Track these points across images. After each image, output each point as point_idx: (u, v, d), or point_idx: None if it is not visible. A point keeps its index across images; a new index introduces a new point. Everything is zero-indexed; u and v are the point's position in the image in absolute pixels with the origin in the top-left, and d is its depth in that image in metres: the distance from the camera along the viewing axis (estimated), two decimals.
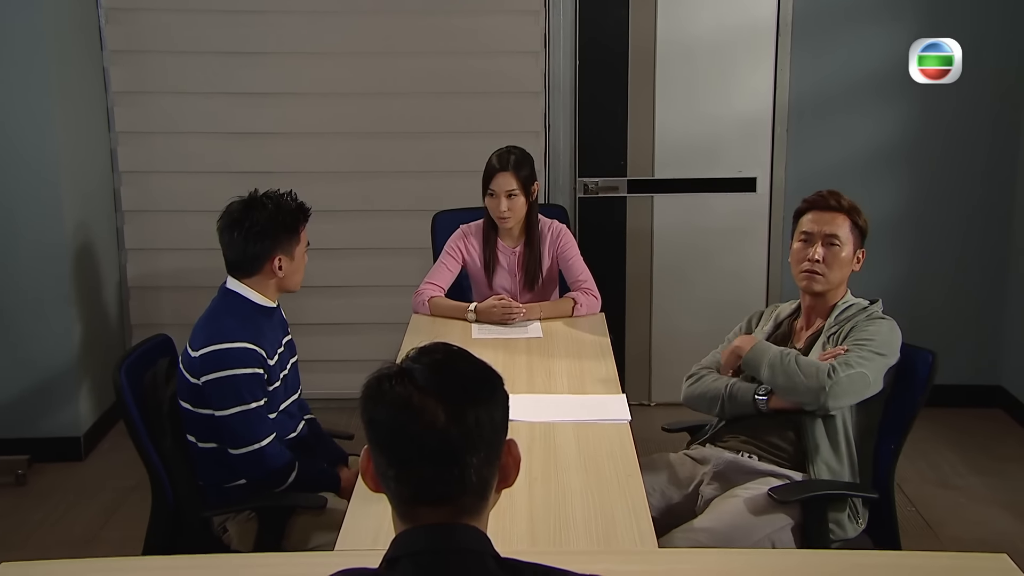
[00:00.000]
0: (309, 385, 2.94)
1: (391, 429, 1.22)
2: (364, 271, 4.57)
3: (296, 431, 2.67)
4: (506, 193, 3.39)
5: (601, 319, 3.44)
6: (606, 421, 2.53)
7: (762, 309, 2.90)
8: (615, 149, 4.49)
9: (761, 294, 4.57)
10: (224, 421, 2.44)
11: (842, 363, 2.44)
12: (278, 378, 2.58)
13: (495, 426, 1.25)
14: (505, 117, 4.42)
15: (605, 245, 4.54)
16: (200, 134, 4.44)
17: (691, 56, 4.41)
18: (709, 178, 4.51)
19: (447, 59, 4.40)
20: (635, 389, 4.61)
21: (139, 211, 4.51)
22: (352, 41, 4.38)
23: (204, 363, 2.43)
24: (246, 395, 2.43)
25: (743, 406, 2.60)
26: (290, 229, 2.55)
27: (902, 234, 4.52)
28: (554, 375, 2.90)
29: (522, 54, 4.41)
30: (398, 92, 4.42)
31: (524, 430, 2.45)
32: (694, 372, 2.76)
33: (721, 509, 2.42)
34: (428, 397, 1.21)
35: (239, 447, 2.45)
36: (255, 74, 4.40)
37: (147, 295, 4.58)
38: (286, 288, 2.62)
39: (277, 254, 2.54)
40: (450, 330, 3.29)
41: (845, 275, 2.63)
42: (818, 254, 2.60)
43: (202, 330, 2.50)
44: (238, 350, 2.44)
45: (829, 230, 2.61)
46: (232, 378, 2.42)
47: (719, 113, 4.44)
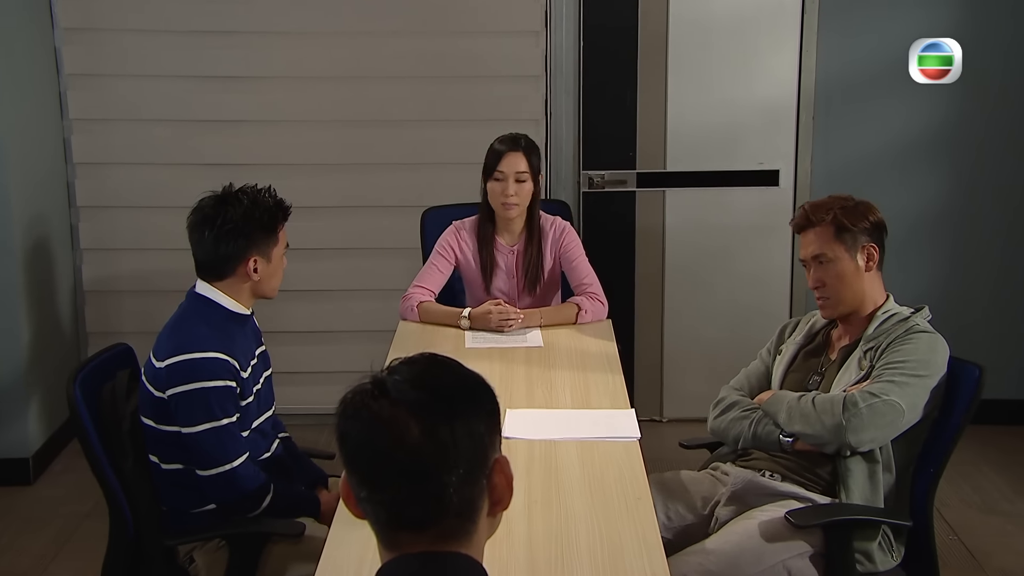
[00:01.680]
0: (285, 400, 2.94)
1: (360, 445, 1.25)
2: (346, 273, 4.57)
3: (270, 451, 2.67)
4: (516, 175, 3.39)
5: (608, 327, 3.44)
6: (613, 439, 2.53)
7: (796, 319, 2.89)
8: (623, 139, 4.49)
9: (784, 298, 4.58)
10: (192, 439, 2.43)
11: (865, 393, 2.44)
12: (251, 393, 2.57)
13: (477, 441, 1.26)
14: (502, 103, 4.42)
15: (612, 245, 4.54)
16: (164, 122, 4.43)
17: (707, 36, 4.41)
18: (727, 171, 4.51)
19: (438, 40, 4.40)
20: (645, 404, 4.61)
21: (96, 207, 4.51)
22: (333, 20, 4.38)
23: (171, 375, 2.43)
24: (216, 410, 2.43)
25: (768, 446, 2.60)
26: (267, 228, 2.55)
27: (942, 233, 4.53)
28: (556, 388, 2.90)
29: (521, 34, 4.42)
30: (384, 76, 4.42)
31: (523, 449, 2.44)
32: (721, 399, 2.75)
33: (732, 531, 2.43)
34: (399, 410, 1.23)
35: (208, 468, 2.44)
36: (226, 55, 4.39)
37: (105, 300, 4.58)
38: (262, 294, 2.61)
39: (252, 255, 2.54)
40: (442, 339, 3.29)
41: (859, 286, 2.61)
42: (813, 280, 2.63)
43: (168, 338, 2.49)
44: (208, 361, 2.43)
45: (812, 250, 2.62)
46: (202, 391, 2.42)
47: (738, 99, 4.44)
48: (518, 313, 3.34)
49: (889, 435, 2.46)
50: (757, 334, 3.23)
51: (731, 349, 4.25)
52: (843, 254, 2.59)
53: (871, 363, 2.54)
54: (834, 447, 2.46)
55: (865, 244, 2.60)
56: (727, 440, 2.70)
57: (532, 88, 4.44)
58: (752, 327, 4.32)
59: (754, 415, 2.62)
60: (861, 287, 2.61)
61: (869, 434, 2.42)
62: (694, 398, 4.17)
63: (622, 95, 4.45)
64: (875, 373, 2.50)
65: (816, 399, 2.51)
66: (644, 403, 4.58)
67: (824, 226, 2.60)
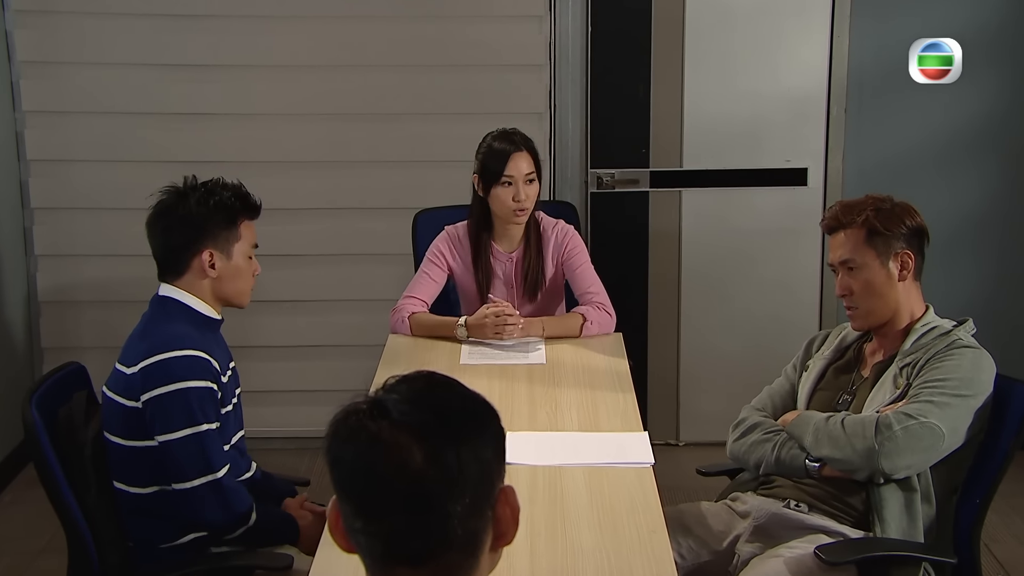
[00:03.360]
0: (259, 422, 2.96)
1: (357, 470, 1.24)
2: (329, 283, 4.57)
3: (250, 471, 2.69)
4: (525, 178, 3.41)
5: (618, 341, 3.44)
6: (624, 465, 2.53)
7: (826, 332, 2.90)
8: (635, 134, 4.50)
9: (813, 309, 4.58)
10: (171, 447, 2.44)
11: (900, 414, 2.44)
12: (229, 402, 2.59)
13: (484, 469, 1.26)
14: (501, 95, 4.43)
15: (623, 251, 4.55)
16: (128, 114, 4.44)
17: (729, 20, 4.43)
18: (750, 169, 4.52)
19: (430, 25, 4.41)
20: (660, 425, 4.61)
21: (52, 208, 4.52)
22: (315, 2, 4.39)
23: (146, 377, 2.44)
24: (198, 414, 2.44)
25: (793, 472, 2.60)
26: (223, 220, 2.58)
27: (989, 239, 4.54)
28: (561, 408, 2.90)
29: (522, 18, 4.43)
30: (371, 64, 4.43)
31: (525, 475, 2.44)
32: (741, 420, 2.75)
33: (758, 572, 2.42)
34: (401, 433, 1.22)
35: (190, 479, 2.44)
36: (197, 41, 4.40)
37: (62, 312, 4.58)
38: (225, 296, 2.63)
39: (206, 247, 2.56)
40: (435, 354, 3.29)
41: (891, 296, 2.61)
42: (840, 287, 2.64)
43: (139, 342, 2.51)
44: (187, 359, 2.45)
45: (840, 255, 2.63)
46: (181, 393, 2.43)
47: (763, 90, 4.46)
48: (517, 316, 3.34)
49: (927, 461, 2.46)
50: (782, 348, 3.24)
51: (754, 365, 4.24)
52: (873, 261, 2.60)
53: (908, 381, 2.54)
54: (866, 474, 2.46)
55: (900, 251, 2.60)
56: (747, 466, 2.70)
57: (535, 78, 4.45)
58: (777, 341, 4.32)
59: (777, 438, 2.62)
60: (894, 297, 2.61)
61: (905, 460, 2.42)
62: (713, 419, 4.15)
63: (634, 85, 4.46)
64: (912, 392, 2.50)
65: (846, 420, 2.50)
66: (658, 425, 4.58)
67: (855, 229, 2.60)
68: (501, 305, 3.34)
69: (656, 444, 2.73)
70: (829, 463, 2.52)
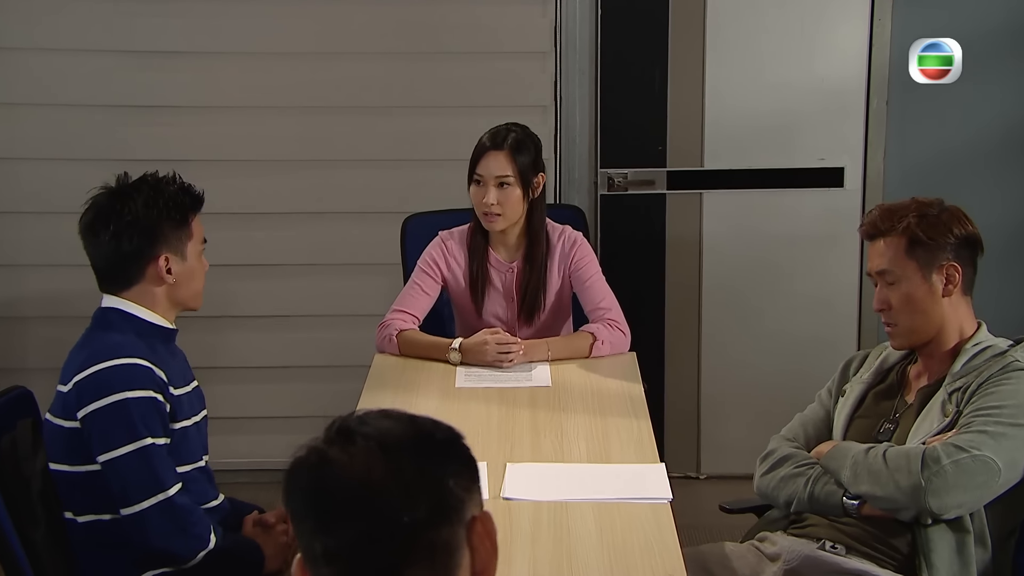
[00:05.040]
0: (228, 452, 2.95)
1: (309, 491, 1.32)
2: (308, 295, 4.57)
3: (218, 500, 2.70)
4: (496, 180, 3.41)
5: (631, 361, 3.44)
6: (639, 500, 2.53)
7: (865, 352, 2.89)
8: (651, 130, 4.50)
9: (851, 326, 4.58)
10: (113, 467, 2.44)
11: (949, 446, 2.43)
12: (186, 417, 2.61)
13: (446, 484, 1.33)
14: (501, 86, 4.43)
15: (637, 260, 4.56)
16: (84, 107, 4.43)
17: (756, 1, 4.44)
18: (780, 169, 4.52)
19: (421, 8, 4.42)
20: (678, 456, 4.61)
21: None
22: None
23: (81, 392, 2.46)
24: (140, 427, 2.45)
25: (828, 510, 2.60)
26: (176, 219, 2.60)
27: None
28: (568, 437, 2.90)
29: (524, 1, 4.43)
30: (357, 51, 4.43)
31: (527, 512, 2.44)
32: (771, 451, 2.76)
33: None
34: (356, 451, 1.31)
35: (136, 501, 2.45)
36: (162, 24, 4.39)
37: (7, 328, 4.58)
38: (182, 301, 2.66)
39: (162, 252, 2.59)
40: (426, 375, 3.28)
41: (934, 312, 2.60)
42: (877, 301, 2.64)
43: (76, 356, 2.53)
44: (125, 367, 2.47)
45: (877, 265, 2.63)
46: (119, 404, 2.45)
47: (794, 80, 4.46)
48: (520, 344, 3.34)
49: (981, 499, 2.45)
50: (816, 371, 3.24)
51: (784, 389, 4.26)
52: (914, 273, 2.59)
53: (958, 408, 2.53)
54: (912, 513, 2.45)
55: (945, 263, 2.58)
56: (777, 502, 2.69)
57: (538, 67, 4.45)
58: (810, 362, 4.33)
59: (811, 472, 2.62)
60: (938, 313, 2.61)
61: (955, 498, 2.41)
62: (738, 450, 4.18)
63: (650, 75, 4.47)
64: (963, 421, 2.49)
65: (888, 453, 2.50)
66: (677, 456, 4.58)
67: (895, 237, 2.60)
68: (504, 334, 3.34)
69: (674, 477, 2.74)
70: (869, 500, 2.52)
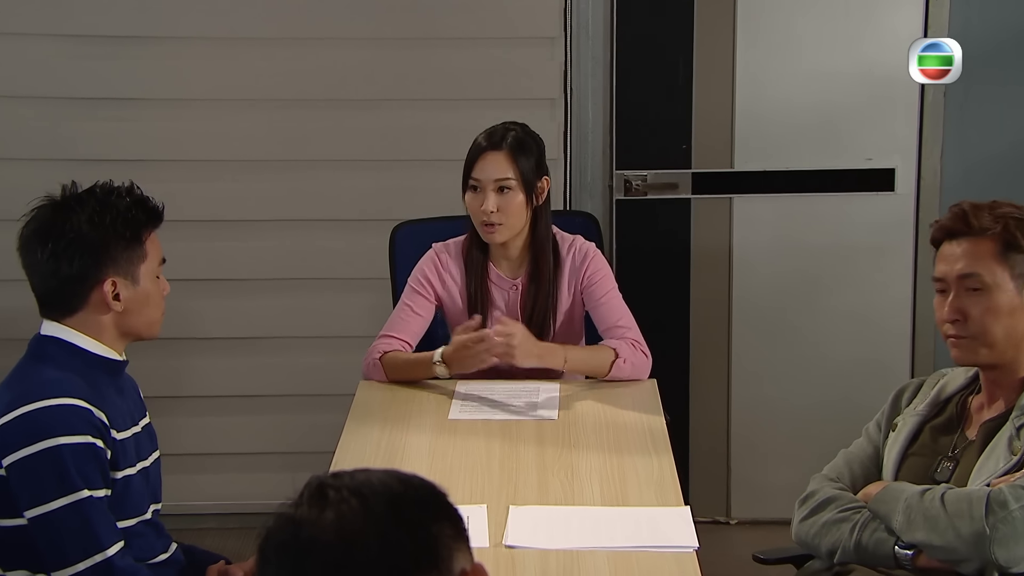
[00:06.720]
0: (188, 494, 2.93)
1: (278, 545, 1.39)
2: (284, 315, 4.57)
3: (168, 552, 2.69)
4: (495, 185, 3.40)
5: (652, 389, 3.44)
6: (661, 549, 2.53)
7: (919, 380, 2.88)
8: (673, 127, 4.51)
9: (903, 350, 4.59)
10: (43, 524, 2.43)
11: (1018, 489, 2.44)
12: (133, 464, 2.60)
13: (429, 531, 1.41)
14: (503, 76, 4.44)
15: (657, 274, 4.57)
16: (25, 99, 4.44)
17: None
18: (820, 170, 4.53)
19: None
20: (705, 499, 4.60)
21: None
22: None
23: (7, 437, 2.45)
24: (75, 478, 2.44)
25: (878, 561, 2.59)
26: (126, 237, 2.58)
27: None
28: (579, 476, 2.89)
29: None
30: (339, 37, 4.44)
31: (534, 561, 2.45)
32: (811, 493, 2.76)
33: None
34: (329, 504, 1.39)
35: (70, 563, 2.44)
36: (108, 4, 4.38)
37: None
38: (134, 331, 2.65)
39: (108, 275, 2.57)
40: (416, 406, 3.27)
41: (1016, 330, 2.59)
42: (952, 309, 2.60)
43: (2, 395, 2.52)
44: (58, 409, 2.46)
45: (962, 268, 2.60)
46: (52, 452, 2.43)
47: (838, 70, 4.46)
48: (504, 331, 3.26)
49: None
50: (863, 401, 3.27)
51: (826, 423, 4.28)
52: (1006, 282, 2.58)
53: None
54: (975, 565, 2.46)
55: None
56: (819, 552, 2.69)
57: (545, 54, 4.46)
58: (856, 391, 4.35)
59: (857, 517, 2.63)
60: (1020, 332, 2.60)
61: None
62: (773, 492, 4.22)
63: (672, 66, 4.48)
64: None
65: (947, 496, 2.50)
66: (703, 498, 4.57)
67: (988, 238, 2.58)
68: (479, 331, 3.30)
69: (700, 522, 2.74)
70: (925, 550, 2.52)
